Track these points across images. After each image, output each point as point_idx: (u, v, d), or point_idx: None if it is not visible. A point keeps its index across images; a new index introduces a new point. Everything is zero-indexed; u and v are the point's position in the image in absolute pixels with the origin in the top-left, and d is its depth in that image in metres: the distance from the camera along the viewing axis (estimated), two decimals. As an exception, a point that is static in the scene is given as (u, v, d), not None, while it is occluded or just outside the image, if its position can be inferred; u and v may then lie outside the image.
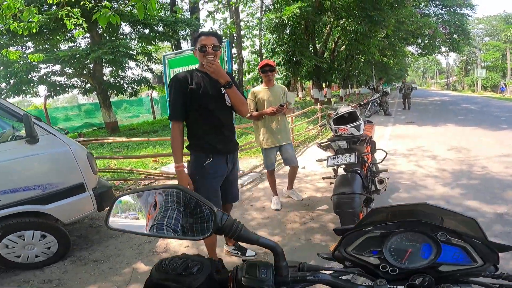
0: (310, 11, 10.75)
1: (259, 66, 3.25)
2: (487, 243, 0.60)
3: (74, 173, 2.46)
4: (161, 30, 12.13)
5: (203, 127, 1.95)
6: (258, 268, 0.57)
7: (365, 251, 0.65)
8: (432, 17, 22.31)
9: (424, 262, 0.61)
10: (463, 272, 0.61)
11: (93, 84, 11.31)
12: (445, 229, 0.62)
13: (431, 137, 7.31)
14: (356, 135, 2.65)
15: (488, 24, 43.76)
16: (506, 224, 2.80)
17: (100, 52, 9.48)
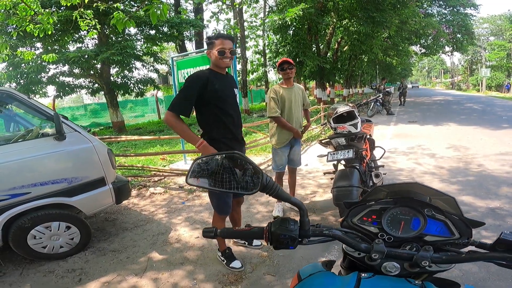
0: (313, 12, 10.87)
1: (278, 64, 3.16)
2: (463, 219, 0.76)
3: (96, 168, 2.64)
4: (166, 31, 12.26)
5: (219, 126, 2.08)
6: (288, 222, 0.74)
7: (367, 222, 0.81)
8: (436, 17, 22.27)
9: (413, 232, 0.77)
10: (443, 242, 0.75)
11: (101, 84, 11.54)
12: (431, 205, 0.78)
13: (432, 136, 7.44)
14: (353, 132, 2.86)
15: (493, 23, 43.16)
16: (497, 218, 2.95)
17: (108, 53, 9.70)
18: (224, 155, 0.82)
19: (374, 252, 0.70)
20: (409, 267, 0.69)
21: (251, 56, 20.81)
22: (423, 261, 0.66)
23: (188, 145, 7.39)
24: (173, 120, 1.95)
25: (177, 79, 5.32)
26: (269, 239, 0.73)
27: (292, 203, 0.77)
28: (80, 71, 11.11)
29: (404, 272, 0.69)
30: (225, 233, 0.79)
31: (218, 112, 2.06)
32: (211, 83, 1.99)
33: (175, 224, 3.31)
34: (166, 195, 4.24)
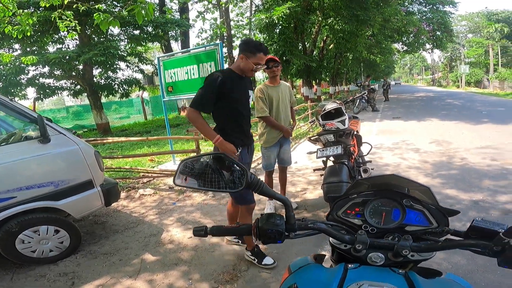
0: (299, 11, 10.97)
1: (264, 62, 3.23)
2: (439, 208, 0.79)
3: (83, 170, 2.61)
4: (151, 31, 12.06)
5: (233, 124, 2.22)
6: (274, 217, 0.76)
7: (351, 214, 0.84)
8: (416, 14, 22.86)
9: (394, 223, 0.80)
10: (422, 232, 0.79)
11: (83, 85, 11.27)
12: (409, 196, 0.81)
13: (416, 132, 7.66)
14: (341, 129, 2.91)
15: (471, 20, 44.41)
16: (481, 210, 3.05)
17: (91, 54, 9.47)
18: (211, 156, 0.85)
19: (357, 243, 0.72)
20: (393, 256, 0.71)
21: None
22: (403, 250, 0.69)
23: (177, 145, 7.32)
24: (194, 116, 2.10)
25: (164, 79, 5.26)
26: (257, 234, 0.75)
27: (277, 199, 0.79)
28: (61, 73, 10.81)
29: (389, 262, 0.71)
30: (215, 231, 0.80)
31: (232, 110, 2.20)
32: (229, 84, 2.10)
33: (167, 225, 3.27)
34: (156, 196, 4.19)
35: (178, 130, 10.41)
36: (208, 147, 6.90)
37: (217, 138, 2.11)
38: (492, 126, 7.66)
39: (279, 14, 10.24)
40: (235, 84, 2.14)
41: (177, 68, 5.03)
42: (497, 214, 2.93)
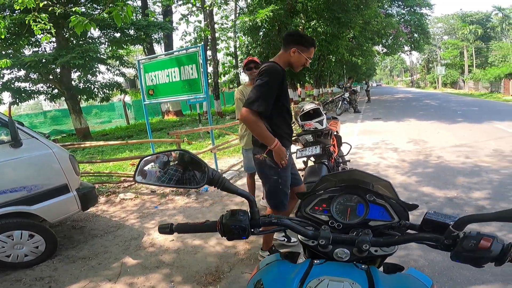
0: (283, 13, 11.06)
1: (243, 64, 3.08)
2: (399, 203, 0.81)
3: (57, 175, 2.57)
4: (133, 34, 11.86)
5: (283, 124, 2.03)
6: (237, 213, 0.77)
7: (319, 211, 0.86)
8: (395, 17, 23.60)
9: (359, 218, 0.81)
10: (385, 226, 0.80)
11: (61, 89, 10.88)
12: (371, 191, 0.83)
13: (395, 132, 7.90)
14: (320, 129, 2.97)
15: (446, 22, 45.94)
16: (455, 207, 3.16)
17: (68, 57, 9.19)
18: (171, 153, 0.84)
19: (320, 238, 0.72)
20: (357, 252, 0.72)
21: (223, 58, 20.72)
22: (363, 245, 0.69)
23: (159, 149, 7.20)
24: (251, 118, 1.78)
25: (145, 82, 5.19)
26: (221, 231, 0.76)
27: (239, 194, 0.79)
28: (37, 76, 10.45)
29: (354, 258, 0.72)
30: (181, 228, 0.80)
31: (283, 110, 2.01)
32: (284, 80, 1.91)
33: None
34: (137, 200, 4.13)
35: (161, 134, 10.27)
36: (191, 150, 6.85)
37: (276, 143, 1.89)
38: (467, 125, 8.00)
39: (262, 16, 10.29)
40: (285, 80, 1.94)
41: (158, 71, 4.98)
42: (471, 211, 3.03)
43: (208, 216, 3.45)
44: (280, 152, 1.92)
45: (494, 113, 10.25)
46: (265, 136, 1.87)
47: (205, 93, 4.63)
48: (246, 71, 3.03)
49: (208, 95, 4.78)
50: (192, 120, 14.08)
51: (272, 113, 1.90)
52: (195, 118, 14.23)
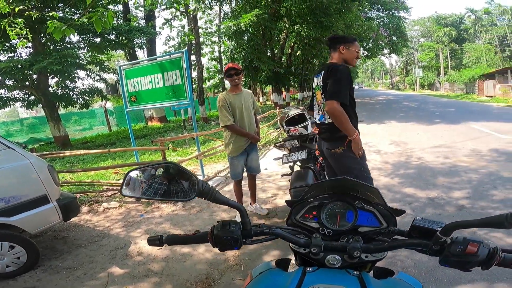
0: (267, 18, 11.15)
1: (224, 71, 3.07)
2: (387, 209, 0.83)
3: (36, 186, 2.53)
4: (114, 39, 11.58)
5: (353, 114, 2.19)
6: (229, 224, 0.76)
7: (309, 218, 0.86)
8: (375, 20, 24.24)
9: (349, 225, 0.82)
10: (374, 232, 0.81)
11: (38, 96, 10.46)
12: (360, 198, 0.84)
13: (377, 134, 8.11)
14: (305, 134, 3.00)
15: (423, 25, 47.28)
16: (437, 207, 3.24)
17: (45, 62, 8.88)
18: (158, 165, 0.83)
19: (312, 246, 0.73)
20: (348, 258, 0.72)
21: (207, 62, 20.63)
22: (355, 252, 0.70)
23: (143, 157, 7.07)
24: (339, 109, 2.02)
25: (126, 88, 5.08)
26: (213, 242, 0.76)
27: (230, 206, 0.79)
28: (13, 83, 10.03)
29: (345, 264, 0.72)
30: (171, 239, 0.79)
31: (352, 102, 2.19)
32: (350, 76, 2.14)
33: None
34: (122, 209, 4.03)
35: (145, 141, 10.07)
36: (176, 157, 6.76)
37: (356, 134, 2.09)
38: (444, 126, 8.32)
39: (246, 21, 10.31)
40: None
41: (140, 77, 4.89)
42: (452, 210, 3.12)
43: (196, 224, 3.40)
44: (359, 142, 2.12)
45: (469, 113, 10.72)
46: (348, 126, 2.07)
47: (189, 99, 4.58)
48: (227, 78, 3.03)
49: (193, 100, 4.75)
50: (177, 126, 13.90)
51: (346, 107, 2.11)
52: (180, 124, 14.03)
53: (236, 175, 3.21)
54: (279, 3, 12.40)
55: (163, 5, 12.79)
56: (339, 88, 2.04)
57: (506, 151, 5.16)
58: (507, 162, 4.56)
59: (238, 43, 12.04)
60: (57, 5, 9.53)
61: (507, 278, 1.96)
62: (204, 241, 0.78)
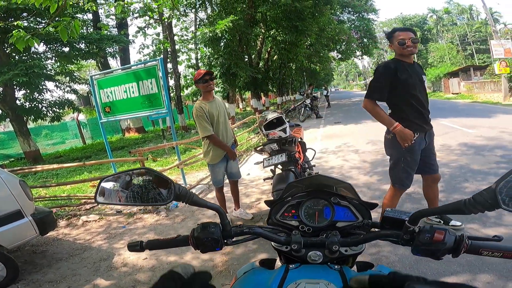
0: (242, 23, 11.18)
1: (199, 77, 2.93)
2: (361, 203, 0.86)
3: (8, 201, 2.53)
4: (84, 48, 11.24)
5: (410, 110, 2.31)
6: (209, 226, 0.76)
7: (289, 217, 0.88)
8: (346, 23, 25.03)
9: (327, 221, 0.85)
10: (351, 226, 0.82)
11: (4, 110, 9.93)
12: (335, 194, 0.87)
13: (355, 134, 8.34)
14: (284, 137, 3.04)
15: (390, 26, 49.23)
16: (414, 202, 3.38)
17: (11, 74, 8.49)
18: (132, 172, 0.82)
19: (292, 243, 0.75)
20: (329, 253, 0.74)
21: (184, 70, 20.37)
22: (333, 246, 0.72)
23: (122, 168, 6.84)
24: (370, 105, 2.32)
25: (100, 99, 4.90)
26: (194, 244, 0.76)
27: (209, 207, 0.80)
28: (-23, 96, 9.45)
29: (327, 259, 0.74)
30: (152, 244, 0.79)
31: (410, 97, 2.30)
32: (399, 72, 2.26)
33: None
34: (102, 221, 3.91)
35: (122, 153, 9.74)
36: (157, 167, 6.61)
37: (396, 125, 2.25)
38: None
39: (222, 27, 10.28)
40: (404, 70, 2.26)
41: (114, 86, 4.75)
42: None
43: (181, 232, 3.34)
44: (401, 134, 2.26)
45: (437, 110, 11.26)
46: (383, 119, 2.32)
47: (167, 108, 4.50)
48: (202, 83, 2.93)
49: (171, 109, 4.66)
50: (156, 136, 13.58)
51: (397, 102, 2.33)
52: (158, 134, 13.72)
53: (217, 182, 3.21)
54: (255, 9, 12.54)
55: (136, 13, 12.56)
56: (370, 87, 2.33)
57: (474, 145, 5.47)
58: (475, 155, 4.83)
59: (215, 49, 12.00)
60: (21, 15, 9.15)
61: (488, 269, 2.03)
62: (185, 243, 0.77)
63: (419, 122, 2.34)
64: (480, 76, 22.08)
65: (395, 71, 2.27)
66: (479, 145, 5.42)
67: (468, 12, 42.00)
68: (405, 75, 2.28)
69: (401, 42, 2.25)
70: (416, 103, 2.32)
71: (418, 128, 2.33)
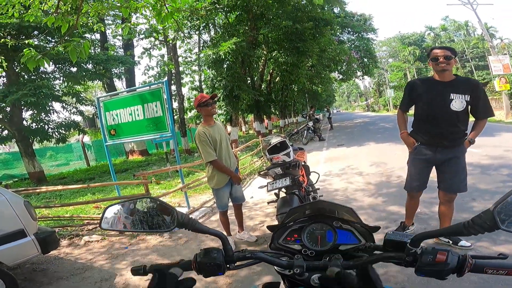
0: (245, 45, 11.36)
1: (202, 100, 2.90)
2: (364, 226, 0.87)
3: (12, 221, 2.61)
4: (91, 68, 11.32)
5: (419, 122, 2.61)
6: (211, 252, 0.78)
7: (291, 241, 0.89)
8: (346, 43, 25.07)
9: (329, 244, 0.86)
10: (354, 249, 0.84)
11: (11, 130, 9.96)
12: (337, 218, 0.89)
13: (358, 156, 8.32)
14: (287, 161, 3.07)
15: (389, 45, 49.21)
16: (421, 222, 3.35)
17: (19, 94, 8.49)
18: (136, 200, 0.85)
19: (295, 267, 0.76)
20: None
21: (188, 92, 20.67)
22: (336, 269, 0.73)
23: (125, 191, 6.81)
24: (398, 113, 2.83)
25: (105, 121, 4.91)
26: (197, 269, 0.77)
27: (211, 234, 0.81)
28: (-15, 116, 9.52)
29: None
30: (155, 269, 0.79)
31: (422, 111, 2.56)
32: (418, 88, 2.56)
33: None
34: (104, 242, 3.89)
35: (126, 176, 9.68)
36: (160, 190, 6.58)
37: (401, 132, 2.69)
38: (419, 145, 8.66)
39: (225, 49, 10.43)
40: (424, 87, 2.52)
41: (120, 109, 4.77)
42: (436, 224, 3.21)
43: (184, 254, 3.30)
44: (403, 140, 2.73)
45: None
46: (399, 125, 2.77)
47: (171, 131, 4.51)
48: (205, 107, 2.92)
49: (175, 132, 4.66)
50: (159, 159, 13.55)
51: (415, 112, 2.65)
52: (162, 157, 13.66)
53: (222, 206, 3.21)
54: (257, 31, 12.83)
55: (142, 34, 12.99)
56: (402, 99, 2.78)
57: (480, 164, 5.44)
58: (482, 175, 4.80)
59: (218, 71, 12.18)
60: (32, 33, 9.29)
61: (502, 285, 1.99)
62: (188, 268, 0.79)
63: (423, 135, 2.59)
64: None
65: (414, 87, 2.61)
66: (484, 165, 5.40)
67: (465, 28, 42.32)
68: (421, 91, 2.54)
69: (434, 58, 2.40)
70: (427, 117, 2.53)
71: (422, 140, 2.60)
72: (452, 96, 2.41)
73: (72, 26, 3.51)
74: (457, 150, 2.54)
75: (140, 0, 4.23)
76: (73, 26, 3.51)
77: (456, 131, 2.49)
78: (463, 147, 2.56)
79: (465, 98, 2.40)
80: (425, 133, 2.58)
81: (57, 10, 3.33)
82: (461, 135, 2.53)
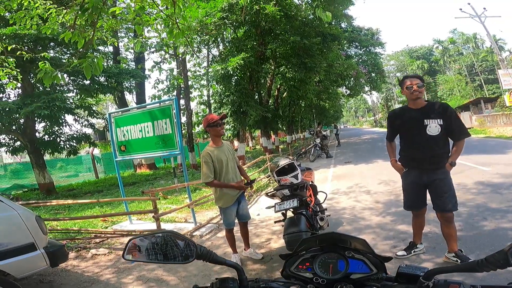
0: (253, 61, 11.48)
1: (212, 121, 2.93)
2: (376, 256, 0.88)
3: (23, 234, 2.67)
4: (103, 81, 11.46)
5: (404, 148, 2.78)
6: (227, 281, 0.80)
7: (303, 269, 0.91)
8: (354, 58, 24.88)
9: (341, 273, 0.87)
10: (365, 278, 0.85)
11: (24, 141, 10.09)
12: (349, 248, 0.90)
13: (366, 174, 8.21)
14: (295, 183, 3.10)
15: (397, 59, 48.47)
16: (431, 242, 3.29)
17: (34, 106, 8.58)
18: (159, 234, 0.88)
19: None
20: None
21: (196, 107, 20.86)
22: None
23: (133, 205, 6.85)
24: (387, 144, 3.01)
25: (116, 137, 4.97)
26: None
27: (227, 265, 0.84)
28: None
29: None
30: None
31: (402, 139, 2.78)
32: (397, 118, 2.80)
33: (126, 283, 3.04)
34: (111, 255, 3.90)
35: (134, 189, 9.71)
36: (167, 204, 6.60)
37: (391, 160, 2.92)
38: (428, 163, 8.53)
39: (234, 65, 10.55)
40: (403, 115, 2.72)
41: (130, 125, 4.83)
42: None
43: (190, 270, 3.28)
44: (393, 167, 2.96)
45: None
46: (388, 153, 3.00)
47: (179, 149, 4.53)
48: (215, 127, 2.96)
49: (183, 149, 4.69)
50: (167, 173, 13.58)
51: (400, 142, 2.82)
52: (169, 171, 13.65)
53: (229, 224, 3.24)
54: (265, 46, 12.96)
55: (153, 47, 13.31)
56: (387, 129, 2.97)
57: (491, 183, 5.34)
58: (493, 194, 4.71)
59: (226, 87, 12.31)
60: (48, 44, 9.44)
61: None
62: None
63: (407, 160, 2.77)
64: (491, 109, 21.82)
65: (393, 118, 2.85)
66: (496, 183, 5.29)
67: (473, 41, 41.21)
68: (400, 121, 2.74)
69: (408, 87, 2.56)
70: (409, 144, 2.71)
71: (408, 164, 2.78)
72: (426, 122, 2.56)
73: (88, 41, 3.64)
74: (441, 172, 2.64)
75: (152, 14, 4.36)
76: (88, 41, 3.63)
77: (437, 155, 2.61)
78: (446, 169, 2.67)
79: (438, 122, 2.55)
80: (410, 159, 2.74)
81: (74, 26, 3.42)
82: (443, 158, 2.64)
